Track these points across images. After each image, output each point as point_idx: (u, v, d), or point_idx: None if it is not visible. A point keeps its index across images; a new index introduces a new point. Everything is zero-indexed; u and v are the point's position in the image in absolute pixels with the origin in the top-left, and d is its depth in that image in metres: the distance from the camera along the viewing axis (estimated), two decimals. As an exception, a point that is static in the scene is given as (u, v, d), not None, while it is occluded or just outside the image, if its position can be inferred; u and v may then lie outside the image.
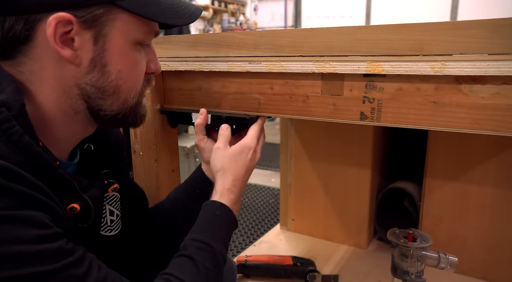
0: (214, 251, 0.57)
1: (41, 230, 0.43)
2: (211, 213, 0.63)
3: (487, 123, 0.54)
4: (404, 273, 0.84)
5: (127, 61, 0.54)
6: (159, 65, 0.62)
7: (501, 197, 1.03)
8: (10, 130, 0.44)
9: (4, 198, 0.41)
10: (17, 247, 0.40)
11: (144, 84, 0.60)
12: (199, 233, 0.60)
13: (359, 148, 1.20)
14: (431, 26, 0.54)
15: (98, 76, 0.52)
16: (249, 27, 6.43)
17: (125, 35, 0.53)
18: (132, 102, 0.57)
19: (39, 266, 0.41)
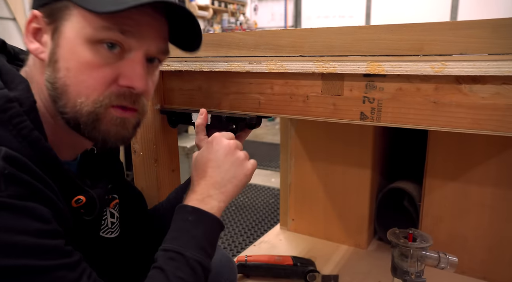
0: (186, 259, 0.53)
1: (43, 225, 0.43)
2: (182, 219, 0.58)
3: (487, 123, 0.54)
4: (404, 273, 0.84)
5: (76, 59, 0.49)
6: (134, 81, 0.51)
7: (501, 197, 1.03)
8: (21, 124, 0.45)
9: (13, 186, 0.41)
10: (17, 237, 0.40)
11: (110, 97, 0.51)
12: (170, 242, 0.56)
13: (359, 148, 1.20)
14: (431, 26, 0.54)
15: (51, 72, 0.50)
16: (249, 27, 6.43)
17: (76, 30, 0.49)
18: (83, 110, 0.50)
19: (34, 260, 0.41)
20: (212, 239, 0.58)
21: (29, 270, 0.41)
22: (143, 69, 0.53)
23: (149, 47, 0.53)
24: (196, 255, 0.54)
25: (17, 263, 0.40)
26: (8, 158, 0.42)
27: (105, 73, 0.50)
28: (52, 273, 0.42)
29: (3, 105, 0.45)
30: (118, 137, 0.54)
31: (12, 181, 0.41)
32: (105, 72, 0.50)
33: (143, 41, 0.52)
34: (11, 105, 0.45)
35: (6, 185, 0.41)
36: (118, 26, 0.49)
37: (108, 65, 0.50)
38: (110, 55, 0.50)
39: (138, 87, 0.52)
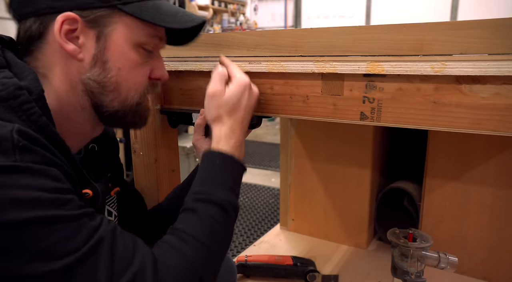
0: (216, 200, 0.56)
1: (59, 184, 0.46)
2: (210, 163, 0.61)
3: (487, 123, 0.54)
4: (404, 273, 0.84)
5: (127, 60, 0.57)
6: (165, 73, 0.64)
7: (501, 197, 1.03)
8: (30, 110, 0.48)
9: (28, 155, 0.44)
10: (36, 193, 0.43)
11: (147, 88, 0.62)
12: (198, 185, 0.59)
13: (359, 148, 1.20)
14: (431, 26, 0.54)
15: (99, 72, 0.56)
16: (249, 27, 6.43)
17: (126, 36, 0.56)
18: (132, 102, 0.59)
19: (55, 210, 0.44)
20: (239, 181, 0.62)
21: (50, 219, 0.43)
22: (163, 63, 0.65)
23: (164, 45, 0.65)
24: (227, 196, 0.58)
25: (38, 214, 0.42)
26: (22, 132, 0.44)
27: (146, 70, 0.60)
28: (73, 221, 0.45)
29: (13, 92, 0.48)
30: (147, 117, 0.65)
31: (27, 151, 0.44)
32: (146, 70, 0.60)
33: (164, 41, 0.64)
34: (20, 92, 0.48)
35: (21, 155, 0.43)
36: (158, 35, 0.60)
37: (146, 63, 0.60)
38: (147, 55, 0.60)
39: (166, 77, 0.64)
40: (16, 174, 0.42)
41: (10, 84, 0.48)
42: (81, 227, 0.45)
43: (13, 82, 0.48)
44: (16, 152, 0.43)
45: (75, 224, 0.45)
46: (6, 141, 0.43)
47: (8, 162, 0.42)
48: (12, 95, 0.47)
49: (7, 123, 0.44)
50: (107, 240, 0.47)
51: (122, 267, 0.46)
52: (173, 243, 0.52)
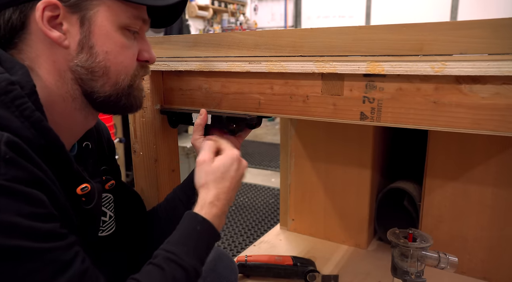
0: (186, 267, 0.55)
1: (38, 209, 0.44)
2: (191, 227, 0.60)
3: (487, 123, 0.54)
4: (404, 273, 0.84)
5: (113, 43, 0.56)
6: (153, 55, 0.63)
7: (501, 197, 1.03)
8: (23, 106, 0.47)
9: (12, 170, 0.42)
10: (12, 218, 0.41)
11: (138, 71, 0.61)
12: (174, 245, 0.57)
13: (359, 148, 1.20)
14: (431, 26, 0.54)
15: (87, 57, 0.55)
16: (249, 27, 6.43)
17: (110, 18, 0.55)
18: (124, 85, 0.59)
19: (28, 241, 0.42)
20: (209, 250, 0.61)
21: (22, 250, 0.42)
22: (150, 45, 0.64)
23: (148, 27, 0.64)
24: (196, 264, 0.57)
25: (9, 243, 0.41)
26: (10, 143, 0.43)
27: (134, 52, 0.60)
28: (45, 254, 0.43)
29: (5, 88, 0.47)
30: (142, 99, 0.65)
31: (13, 166, 0.43)
32: (134, 51, 0.60)
33: (148, 24, 0.63)
34: (13, 87, 0.47)
35: (6, 169, 0.42)
36: (141, 16, 0.59)
37: (133, 45, 0.59)
38: (132, 37, 0.59)
39: (154, 59, 0.64)
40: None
41: (2, 79, 0.47)
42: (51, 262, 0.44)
43: (5, 77, 0.48)
44: (1, 165, 0.42)
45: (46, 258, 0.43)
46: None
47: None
48: (4, 91, 0.46)
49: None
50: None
51: None
52: None
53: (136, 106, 0.63)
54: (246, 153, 4.02)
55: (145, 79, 0.82)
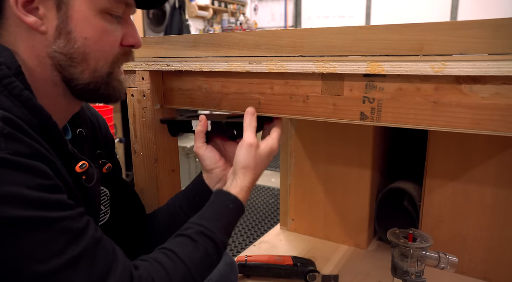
0: (217, 241, 0.59)
1: (45, 180, 0.44)
2: (224, 204, 0.64)
3: (487, 123, 0.54)
4: (404, 273, 0.84)
5: (93, 29, 0.54)
6: (138, 39, 0.61)
7: (501, 197, 1.03)
8: (11, 85, 0.47)
9: (13, 144, 0.42)
10: (20, 190, 0.41)
11: (119, 57, 0.59)
12: (207, 220, 0.61)
13: (359, 148, 1.20)
14: (431, 26, 0.54)
15: (64, 43, 0.53)
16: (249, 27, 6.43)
17: (88, 2, 0.53)
18: (103, 72, 0.57)
19: (39, 211, 0.42)
20: (234, 226, 0.65)
21: (34, 221, 0.42)
22: (136, 28, 0.61)
23: (133, 11, 0.62)
24: (225, 239, 0.61)
25: (22, 214, 0.41)
26: (6, 119, 0.43)
27: (116, 38, 0.57)
28: (57, 224, 0.44)
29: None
30: (124, 91, 0.63)
31: (12, 139, 0.43)
32: (116, 37, 0.57)
33: (132, 7, 0.60)
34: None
35: (6, 143, 0.42)
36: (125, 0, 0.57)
37: (115, 30, 0.57)
38: (115, 21, 0.57)
39: (139, 43, 0.61)
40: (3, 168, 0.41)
41: None
42: (63, 232, 0.44)
43: None
44: (0, 140, 0.41)
45: (58, 228, 0.44)
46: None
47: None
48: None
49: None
50: (89, 251, 0.46)
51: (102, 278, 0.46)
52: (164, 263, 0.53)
53: (115, 97, 0.61)
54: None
55: (145, 79, 0.82)
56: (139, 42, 0.61)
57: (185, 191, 0.79)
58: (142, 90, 0.83)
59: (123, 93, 0.62)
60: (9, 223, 0.41)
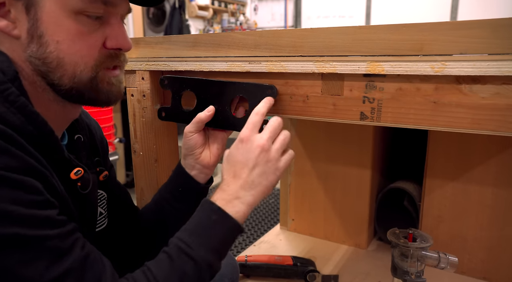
0: (195, 257, 0.53)
1: (35, 196, 0.44)
2: (206, 216, 0.57)
3: (487, 123, 0.54)
4: (404, 273, 0.84)
5: (65, 31, 0.51)
6: (124, 42, 0.56)
7: (501, 197, 1.03)
8: (7, 91, 0.46)
9: (3, 158, 0.42)
10: (9, 207, 0.41)
11: (103, 60, 0.54)
12: (188, 234, 0.55)
13: (359, 148, 1.20)
14: (431, 26, 0.54)
15: (37, 47, 0.51)
16: (249, 27, 6.43)
17: (59, 3, 0.50)
18: (83, 77, 0.53)
19: (26, 228, 0.42)
20: (228, 243, 0.57)
21: (21, 238, 0.41)
22: (125, 30, 0.57)
23: (122, 10, 0.57)
24: (209, 257, 0.54)
25: (8, 231, 0.40)
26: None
27: (95, 39, 0.53)
28: (44, 242, 0.43)
29: None
30: (118, 94, 0.58)
31: (4, 153, 0.42)
32: (95, 39, 0.53)
33: (119, 6, 0.56)
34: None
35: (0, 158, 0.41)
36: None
37: (94, 32, 0.53)
38: (93, 23, 0.53)
39: (127, 47, 0.57)
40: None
41: None
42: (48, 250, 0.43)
43: None
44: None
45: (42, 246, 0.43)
46: None
47: None
48: None
49: None
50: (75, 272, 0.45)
51: None
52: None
53: (105, 101, 0.57)
54: (246, 153, 4.02)
55: (145, 79, 0.82)
56: (125, 45, 0.56)
57: (167, 185, 0.77)
58: (142, 90, 0.83)
59: (114, 96, 0.57)
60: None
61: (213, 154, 0.74)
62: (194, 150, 0.72)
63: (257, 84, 0.70)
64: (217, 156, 0.74)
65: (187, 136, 0.73)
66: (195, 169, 0.74)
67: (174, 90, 0.79)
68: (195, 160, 0.73)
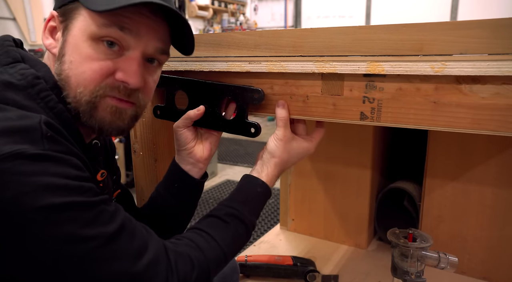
0: (247, 223, 0.64)
1: (80, 172, 0.49)
2: (253, 188, 0.68)
3: (487, 123, 0.54)
4: (404, 273, 0.84)
5: (78, 53, 0.55)
6: (131, 79, 0.56)
7: (501, 197, 1.03)
8: (47, 98, 0.52)
9: (54, 145, 0.47)
10: (63, 180, 0.46)
11: (104, 88, 0.55)
12: (237, 203, 0.65)
13: (359, 148, 1.20)
14: (431, 26, 0.54)
15: (58, 65, 0.57)
16: (249, 27, 6.43)
17: (81, 28, 0.55)
18: (82, 99, 0.55)
19: (79, 196, 0.47)
20: (262, 209, 0.70)
21: (78, 204, 0.46)
22: (139, 67, 0.57)
23: (146, 46, 0.57)
24: (254, 221, 0.66)
25: (66, 200, 0.45)
26: (48, 124, 0.48)
27: (102, 66, 0.55)
28: (95, 207, 0.48)
29: (32, 81, 0.52)
30: (114, 126, 0.58)
31: (53, 141, 0.47)
32: (102, 65, 0.55)
33: (141, 40, 0.56)
34: (38, 81, 0.52)
35: (49, 144, 0.47)
36: (117, 23, 0.54)
37: (107, 60, 0.55)
38: (109, 52, 0.55)
39: (132, 83, 0.56)
40: (46, 161, 0.45)
41: (29, 74, 0.52)
42: (102, 212, 0.48)
43: (31, 72, 0.52)
44: (44, 142, 0.46)
45: (97, 210, 0.48)
46: (35, 131, 0.46)
47: (38, 150, 0.45)
48: (30, 84, 0.51)
49: (35, 115, 0.48)
50: (126, 227, 0.50)
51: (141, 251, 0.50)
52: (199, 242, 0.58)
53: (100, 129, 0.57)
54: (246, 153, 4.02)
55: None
56: (131, 81, 0.56)
57: (163, 182, 0.78)
58: (142, 90, 0.83)
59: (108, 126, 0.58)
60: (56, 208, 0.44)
61: (206, 148, 0.76)
62: (185, 145, 0.75)
63: (244, 87, 0.71)
64: (210, 150, 0.77)
65: (176, 132, 0.75)
66: (189, 164, 0.75)
67: (167, 89, 0.80)
68: (187, 154, 0.75)
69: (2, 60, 0.53)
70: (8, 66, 0.52)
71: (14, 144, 0.44)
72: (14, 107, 0.48)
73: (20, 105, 0.49)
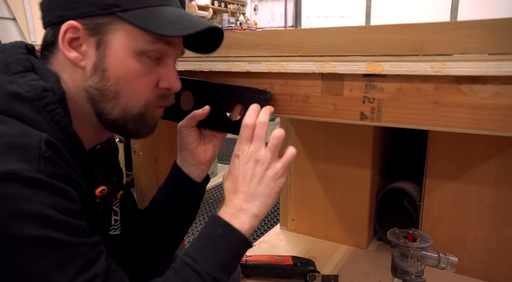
0: (199, 270, 0.54)
1: (72, 205, 0.48)
2: (211, 230, 0.58)
3: (487, 123, 0.54)
4: (404, 273, 0.84)
5: (127, 69, 0.56)
6: (174, 84, 0.61)
7: (501, 197, 1.03)
8: (54, 111, 0.52)
9: (50, 167, 0.46)
10: (48, 211, 0.44)
11: (153, 99, 0.60)
12: (193, 248, 0.57)
13: (359, 148, 1.20)
14: (431, 26, 0.54)
15: (98, 80, 0.56)
16: (249, 27, 6.43)
17: (126, 44, 0.56)
18: (134, 111, 0.58)
19: (60, 233, 0.45)
20: (235, 256, 0.58)
21: (54, 242, 0.44)
22: (176, 72, 0.62)
23: (178, 53, 0.63)
24: (213, 270, 0.55)
25: (44, 234, 0.43)
26: (48, 143, 0.47)
27: (150, 80, 0.58)
28: (74, 248, 0.46)
29: (40, 94, 0.51)
30: (154, 130, 0.64)
31: (51, 163, 0.46)
32: (150, 79, 0.58)
33: (176, 49, 0.61)
34: (46, 94, 0.52)
35: (45, 166, 0.46)
36: (163, 39, 0.57)
37: (151, 72, 0.58)
38: (152, 63, 0.58)
39: (176, 88, 0.62)
40: (37, 188, 0.44)
41: (37, 86, 0.52)
42: (77, 257, 0.46)
43: (40, 84, 0.52)
44: (40, 162, 0.45)
45: (72, 252, 0.46)
46: (34, 149, 0.45)
47: (33, 173, 0.44)
48: (38, 97, 0.51)
49: (37, 133, 0.47)
50: (100, 277, 0.48)
51: None
52: None
53: (142, 133, 0.63)
54: (246, 153, 4.01)
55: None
56: (175, 87, 0.62)
57: (164, 185, 0.78)
58: (142, 90, 0.83)
59: (151, 131, 0.64)
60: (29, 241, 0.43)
61: (209, 150, 0.75)
62: (188, 145, 0.74)
63: (251, 88, 0.70)
64: (213, 152, 0.76)
65: (180, 131, 0.75)
66: (190, 165, 0.75)
67: None
68: (190, 155, 0.74)
69: (13, 68, 0.53)
70: (18, 75, 0.52)
71: (9, 162, 0.43)
72: (19, 120, 0.48)
73: (25, 118, 0.49)
